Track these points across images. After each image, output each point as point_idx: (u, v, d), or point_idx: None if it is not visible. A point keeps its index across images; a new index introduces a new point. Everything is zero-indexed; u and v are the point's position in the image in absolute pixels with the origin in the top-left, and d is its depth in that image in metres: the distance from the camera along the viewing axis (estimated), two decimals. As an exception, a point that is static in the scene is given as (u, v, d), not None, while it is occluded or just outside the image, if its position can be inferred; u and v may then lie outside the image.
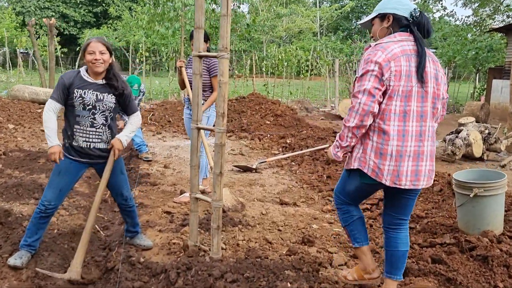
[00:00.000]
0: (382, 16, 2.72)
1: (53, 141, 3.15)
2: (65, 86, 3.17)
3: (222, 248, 3.59)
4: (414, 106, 2.58)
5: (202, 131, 3.59)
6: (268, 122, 10.04)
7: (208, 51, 4.53)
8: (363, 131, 2.63)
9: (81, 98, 3.18)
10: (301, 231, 4.18)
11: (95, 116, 3.25)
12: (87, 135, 3.25)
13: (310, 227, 4.30)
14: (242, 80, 17.11)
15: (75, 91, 3.18)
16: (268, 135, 9.10)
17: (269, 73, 18.22)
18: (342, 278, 3.06)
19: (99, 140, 3.30)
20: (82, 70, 3.29)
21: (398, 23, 2.67)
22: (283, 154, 7.46)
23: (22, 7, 33.02)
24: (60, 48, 18.88)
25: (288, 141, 8.32)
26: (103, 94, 3.26)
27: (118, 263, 3.22)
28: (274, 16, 32.75)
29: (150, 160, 6.80)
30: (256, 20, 16.59)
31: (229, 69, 3.15)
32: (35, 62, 16.15)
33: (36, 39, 17.90)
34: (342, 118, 12.26)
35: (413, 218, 4.41)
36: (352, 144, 2.69)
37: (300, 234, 4.11)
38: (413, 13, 2.63)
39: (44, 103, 11.57)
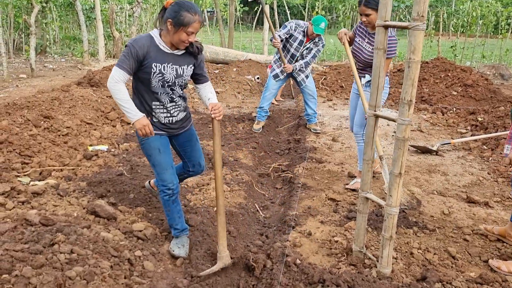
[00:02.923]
0: None
1: (137, 113, 2.73)
2: (138, 56, 2.71)
3: (393, 257, 3.01)
4: None
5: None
6: (455, 93, 8.66)
7: None
8: None
9: (160, 75, 2.80)
10: (495, 246, 3.31)
11: (174, 91, 2.92)
12: (168, 111, 2.96)
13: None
14: (425, 39, 15.27)
15: (152, 66, 2.76)
16: (454, 109, 7.83)
17: (458, 31, 15.88)
18: None
19: (178, 112, 3.02)
20: (156, 36, 2.79)
21: None
22: (473, 135, 6.27)
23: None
24: (242, 7, 19.46)
25: (479, 119, 7.00)
26: (182, 67, 2.87)
27: (272, 262, 2.90)
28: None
29: (319, 133, 6.38)
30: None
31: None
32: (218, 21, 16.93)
33: (220, -1, 18.73)
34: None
35: None
36: None
37: (494, 250, 3.26)
38: None
39: (222, 63, 12.10)
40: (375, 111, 2.71)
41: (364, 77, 4.04)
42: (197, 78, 3.03)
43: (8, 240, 2.44)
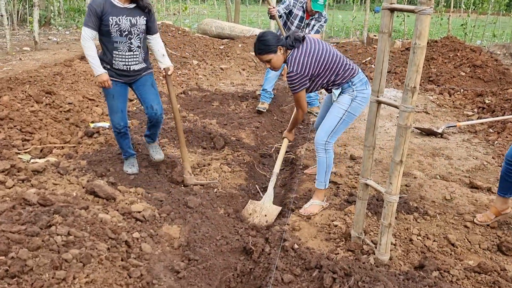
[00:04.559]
0: None
1: (100, 69, 3.38)
2: (97, 13, 3.26)
3: (392, 243, 3.00)
4: None
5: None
6: (463, 74, 8.51)
7: None
8: None
9: (117, 26, 3.34)
10: (495, 234, 3.29)
11: (131, 40, 3.46)
12: (126, 59, 3.51)
13: (510, 228, 3.37)
14: (435, 16, 14.93)
15: (110, 19, 3.30)
16: (461, 90, 7.71)
17: (469, 8, 15.49)
18: None
19: (136, 62, 3.58)
20: None
21: None
22: (479, 118, 6.18)
23: None
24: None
25: (486, 101, 6.89)
26: (135, 18, 3.42)
27: (270, 246, 2.89)
28: None
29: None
30: None
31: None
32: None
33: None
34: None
35: None
36: None
37: (494, 238, 3.24)
38: None
39: (228, 38, 11.94)
40: (377, 96, 2.64)
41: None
42: (148, 28, 3.57)
43: (6, 221, 2.44)
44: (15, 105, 4.67)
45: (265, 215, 3.49)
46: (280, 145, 5.15)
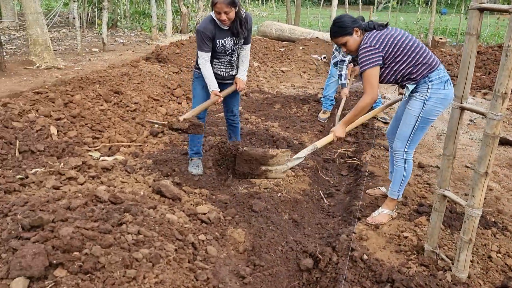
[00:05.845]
0: None
1: (215, 86, 3.64)
2: (209, 39, 3.55)
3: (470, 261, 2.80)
4: None
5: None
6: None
7: None
8: None
9: (222, 47, 3.64)
10: None
11: (232, 55, 3.76)
12: (225, 67, 3.81)
13: None
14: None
15: (217, 42, 3.59)
16: (539, 97, 7.17)
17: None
18: None
19: (231, 69, 3.86)
20: (215, 18, 3.50)
21: None
22: (561, 127, 5.72)
23: None
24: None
25: None
26: (237, 38, 3.66)
27: (338, 256, 2.78)
28: None
29: (387, 122, 6.06)
30: None
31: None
32: (284, -3, 16.60)
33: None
34: None
35: None
36: None
37: None
38: None
39: (288, 40, 11.88)
40: (461, 102, 2.47)
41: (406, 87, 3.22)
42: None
43: (80, 217, 2.49)
44: (86, 104, 4.85)
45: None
46: (345, 151, 5.01)
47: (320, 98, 6.47)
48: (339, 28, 3.09)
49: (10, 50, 9.20)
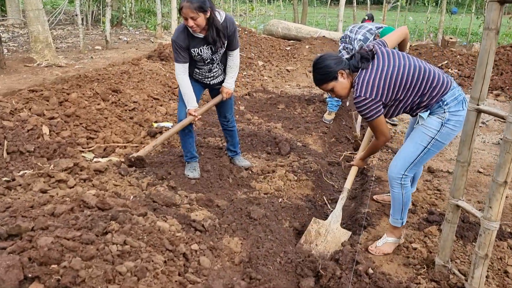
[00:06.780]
0: None
1: (192, 104, 3.51)
2: (184, 49, 3.34)
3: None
4: None
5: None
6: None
7: None
8: None
9: (199, 56, 3.42)
10: None
11: (213, 64, 3.54)
12: (206, 76, 3.63)
13: None
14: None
15: (192, 51, 3.37)
16: (554, 99, 6.92)
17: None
18: None
19: (213, 78, 3.67)
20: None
21: None
22: None
23: None
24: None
25: None
26: (215, 46, 3.38)
27: (341, 269, 2.57)
28: None
29: (396, 125, 5.83)
30: None
31: None
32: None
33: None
34: None
35: None
36: None
37: None
38: None
39: (294, 39, 11.67)
40: (478, 104, 2.25)
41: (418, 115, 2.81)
42: (228, 47, 3.54)
43: (62, 225, 2.31)
44: (82, 103, 4.68)
45: (330, 240, 3.03)
46: (351, 153, 4.80)
47: (326, 98, 6.24)
48: (322, 76, 2.72)
49: (12, 47, 9.07)
